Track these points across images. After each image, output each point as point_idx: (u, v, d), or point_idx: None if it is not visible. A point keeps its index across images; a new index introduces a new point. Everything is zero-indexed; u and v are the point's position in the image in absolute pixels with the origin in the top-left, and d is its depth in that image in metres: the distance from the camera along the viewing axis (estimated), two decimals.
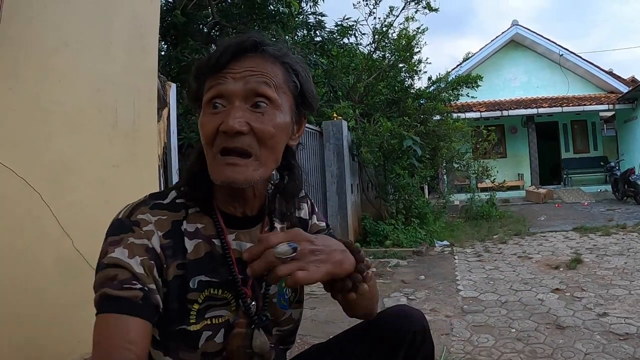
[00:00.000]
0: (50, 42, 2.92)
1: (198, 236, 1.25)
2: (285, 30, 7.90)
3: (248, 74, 1.17)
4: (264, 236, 1.11)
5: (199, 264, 1.22)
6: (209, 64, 1.19)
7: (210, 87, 1.19)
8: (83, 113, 3.16)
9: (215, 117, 1.17)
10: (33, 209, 2.80)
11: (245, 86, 1.16)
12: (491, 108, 19.19)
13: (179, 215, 1.25)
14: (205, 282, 1.23)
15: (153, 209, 1.22)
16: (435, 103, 11.27)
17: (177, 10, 7.19)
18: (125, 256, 1.11)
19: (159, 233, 1.18)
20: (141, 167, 3.62)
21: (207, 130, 1.17)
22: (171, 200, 1.27)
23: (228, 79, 1.17)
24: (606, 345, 3.42)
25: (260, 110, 1.17)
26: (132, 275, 1.09)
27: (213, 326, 1.23)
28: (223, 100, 1.17)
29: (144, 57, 3.69)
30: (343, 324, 4.03)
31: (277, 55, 1.23)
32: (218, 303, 1.25)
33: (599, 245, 7.65)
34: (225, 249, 1.27)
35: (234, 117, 1.13)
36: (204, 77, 1.22)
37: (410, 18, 11.19)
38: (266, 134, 1.18)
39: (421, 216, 9.70)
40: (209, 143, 1.18)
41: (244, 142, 1.15)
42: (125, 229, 1.17)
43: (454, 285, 5.66)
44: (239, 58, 1.19)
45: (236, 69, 1.18)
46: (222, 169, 1.16)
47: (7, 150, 2.66)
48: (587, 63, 19.74)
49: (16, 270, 2.68)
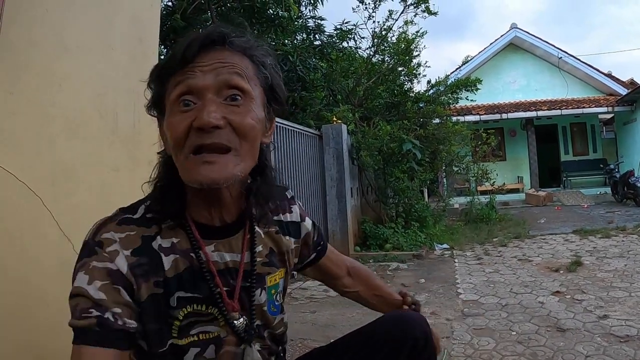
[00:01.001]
0: (50, 46, 2.93)
1: (175, 251, 1.18)
2: (285, 34, 7.93)
3: (218, 66, 1.11)
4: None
5: (179, 280, 1.17)
6: (175, 60, 1.11)
7: (177, 84, 1.11)
8: (84, 117, 3.16)
9: (185, 115, 1.09)
10: (33, 213, 2.80)
11: (217, 78, 1.10)
12: (490, 111, 19.19)
13: (150, 230, 1.18)
14: (187, 298, 1.18)
15: (120, 225, 1.15)
16: (434, 106, 11.27)
17: (176, 14, 7.22)
18: (85, 283, 1.07)
19: (124, 252, 1.12)
20: (142, 171, 3.61)
21: (177, 130, 1.09)
22: (141, 215, 1.20)
23: (197, 72, 1.09)
24: (607, 348, 3.42)
25: (235, 103, 1.11)
26: (91, 303, 1.05)
27: (201, 342, 1.20)
28: (193, 96, 1.09)
29: (144, 61, 3.69)
30: (344, 328, 4.04)
31: (245, 47, 1.17)
32: (204, 319, 1.20)
33: (599, 247, 7.65)
34: (202, 263, 1.20)
35: (209, 111, 1.06)
36: (168, 76, 1.14)
37: (409, 22, 11.19)
38: (245, 126, 1.11)
39: (421, 219, 9.71)
40: (179, 144, 1.10)
41: (221, 137, 1.08)
42: (88, 251, 1.12)
43: (454, 289, 5.66)
44: (206, 51, 1.12)
45: (205, 61, 1.10)
46: (199, 169, 1.08)
47: (8, 155, 2.66)
48: (586, 66, 19.74)
49: (16, 275, 2.68)
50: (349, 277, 1.70)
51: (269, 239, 1.38)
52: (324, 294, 5.49)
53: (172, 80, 1.12)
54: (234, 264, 1.26)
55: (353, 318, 4.45)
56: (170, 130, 1.11)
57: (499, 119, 19.05)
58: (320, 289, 5.75)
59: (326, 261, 1.62)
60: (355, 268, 1.73)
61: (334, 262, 1.65)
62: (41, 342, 2.79)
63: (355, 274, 1.71)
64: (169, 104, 1.13)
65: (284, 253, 1.42)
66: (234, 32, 1.17)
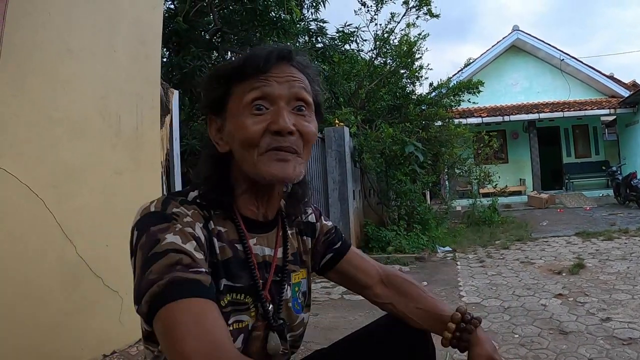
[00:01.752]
0: (54, 49, 2.94)
1: (222, 240, 1.24)
2: (287, 36, 7.93)
3: (290, 79, 1.22)
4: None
5: (225, 266, 1.22)
6: (251, 67, 1.21)
7: (252, 89, 1.20)
8: (87, 120, 3.18)
9: (259, 118, 1.18)
10: (37, 215, 2.81)
11: (290, 90, 1.21)
12: (493, 113, 19.20)
13: (206, 213, 1.24)
14: (229, 286, 1.22)
15: (183, 205, 1.20)
16: (436, 109, 11.30)
17: (179, 17, 7.23)
18: (179, 242, 1.08)
19: (198, 224, 1.17)
20: (144, 173, 3.64)
21: (252, 131, 1.18)
22: (193, 199, 1.25)
23: (272, 82, 1.20)
24: (610, 350, 3.41)
25: (301, 113, 1.24)
26: (193, 260, 1.06)
27: (234, 331, 1.22)
28: (266, 102, 1.20)
29: (147, 64, 3.71)
30: (346, 331, 4.02)
31: (304, 66, 1.29)
32: (240, 308, 1.24)
33: (601, 250, 7.64)
34: (248, 254, 1.27)
35: (285, 118, 1.18)
36: (236, 80, 1.23)
37: (411, 24, 11.23)
38: (311, 135, 1.24)
39: (423, 222, 9.70)
40: (253, 143, 1.18)
41: (292, 142, 1.19)
42: (166, 218, 1.14)
43: (456, 291, 5.65)
44: (278, 63, 1.23)
45: (278, 73, 1.21)
46: (274, 165, 1.18)
47: (12, 157, 2.67)
48: (588, 68, 19.77)
49: (20, 277, 2.69)
50: (383, 285, 1.60)
51: (293, 239, 1.46)
52: (326, 297, 5.49)
53: (242, 85, 1.22)
54: (269, 258, 1.34)
55: (355, 321, 4.44)
56: (243, 130, 1.19)
57: (501, 121, 19.06)
58: (322, 292, 5.75)
59: (348, 266, 1.58)
60: (391, 277, 1.62)
61: (359, 268, 1.59)
62: (42, 342, 2.80)
63: (391, 283, 1.60)
64: (240, 106, 1.21)
65: (304, 253, 1.49)
66: (296, 50, 1.29)
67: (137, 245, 1.10)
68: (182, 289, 0.99)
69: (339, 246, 1.58)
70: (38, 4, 2.84)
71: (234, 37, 8.29)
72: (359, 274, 1.59)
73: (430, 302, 1.54)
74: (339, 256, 1.57)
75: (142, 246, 1.08)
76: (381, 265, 1.66)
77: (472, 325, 1.47)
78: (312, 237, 1.53)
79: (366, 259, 1.64)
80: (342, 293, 5.56)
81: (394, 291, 1.58)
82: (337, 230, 1.61)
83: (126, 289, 3.30)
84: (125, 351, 3.30)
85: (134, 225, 1.15)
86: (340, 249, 1.58)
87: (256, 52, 1.23)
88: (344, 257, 1.58)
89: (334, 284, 1.68)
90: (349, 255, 1.59)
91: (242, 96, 1.21)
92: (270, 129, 1.18)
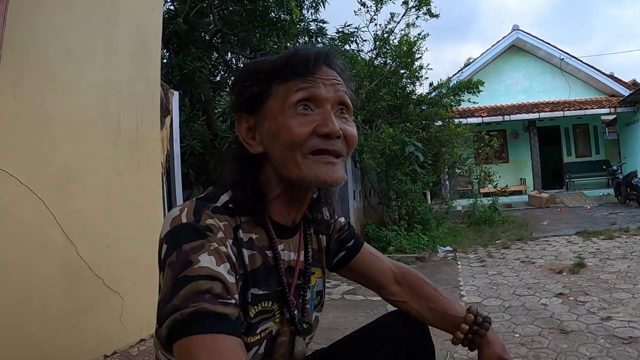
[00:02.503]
0: (53, 50, 2.95)
1: (253, 247, 1.21)
2: (287, 37, 7.92)
3: (335, 82, 1.21)
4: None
5: (254, 276, 1.19)
6: (299, 66, 1.18)
7: (299, 89, 1.17)
8: (87, 121, 3.18)
9: (305, 119, 1.16)
10: (37, 217, 2.82)
11: (335, 93, 1.20)
12: (493, 113, 19.18)
13: (234, 222, 1.19)
14: (258, 295, 1.20)
15: (215, 214, 1.14)
16: (437, 109, 11.29)
17: (179, 18, 7.22)
18: (214, 264, 1.02)
19: (229, 241, 1.13)
20: (144, 174, 3.65)
21: (299, 132, 1.14)
22: (223, 204, 1.20)
23: (319, 84, 1.18)
24: (610, 350, 3.42)
25: (344, 116, 1.23)
26: (224, 288, 1.00)
27: (261, 339, 1.21)
28: (313, 104, 1.18)
29: (146, 65, 3.72)
30: (347, 331, 4.02)
31: (342, 69, 1.27)
32: (267, 315, 1.23)
33: (602, 249, 7.65)
34: (278, 260, 1.25)
35: (334, 121, 1.16)
36: (278, 79, 1.19)
37: (411, 24, 11.21)
38: (354, 139, 1.23)
39: (424, 222, 9.69)
40: (298, 144, 1.15)
41: (338, 145, 1.18)
42: (200, 234, 1.07)
43: (457, 291, 5.66)
44: (323, 65, 1.21)
45: (325, 75, 1.20)
46: (322, 168, 1.16)
47: (12, 158, 2.68)
48: (588, 67, 19.75)
49: (20, 278, 2.70)
50: (397, 284, 1.60)
51: (312, 239, 1.44)
52: (326, 297, 5.48)
53: (287, 85, 1.18)
54: (293, 262, 1.33)
55: (356, 321, 4.45)
56: (288, 130, 1.15)
57: (502, 121, 19.04)
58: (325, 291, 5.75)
59: (361, 263, 1.57)
60: (405, 275, 1.61)
61: (373, 265, 1.59)
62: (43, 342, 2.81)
63: (405, 282, 1.60)
64: (284, 106, 1.17)
65: (321, 251, 1.48)
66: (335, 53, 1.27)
67: (165, 262, 1.04)
68: (206, 323, 0.94)
69: (352, 244, 1.57)
70: (37, 5, 2.84)
71: (234, 38, 8.28)
72: (373, 272, 1.59)
73: (444, 302, 1.55)
74: (353, 254, 1.56)
75: (171, 264, 1.02)
76: (395, 263, 1.65)
77: (483, 329, 1.51)
78: (327, 235, 1.52)
79: (379, 256, 1.63)
80: (342, 293, 5.56)
81: (408, 290, 1.58)
82: (350, 227, 1.60)
83: (127, 290, 3.31)
84: (126, 351, 3.30)
85: (164, 237, 1.09)
86: (354, 247, 1.57)
87: (301, 52, 1.20)
88: (357, 254, 1.57)
89: (335, 284, 1.68)
90: (362, 252, 1.58)
91: (286, 96, 1.18)
92: (319, 132, 1.15)
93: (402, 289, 1.58)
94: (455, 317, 1.52)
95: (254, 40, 8.11)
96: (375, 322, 1.57)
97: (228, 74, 9.12)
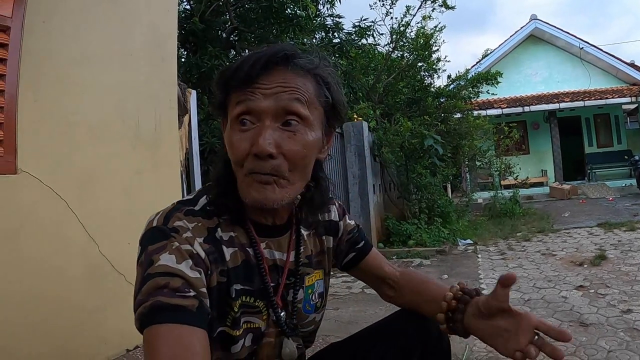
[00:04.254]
0: (70, 54, 3.00)
1: (233, 244, 1.22)
2: (303, 33, 7.96)
3: (279, 90, 1.11)
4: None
5: (236, 272, 1.21)
6: (237, 77, 1.12)
7: (238, 102, 1.13)
8: (106, 123, 3.24)
9: (244, 135, 1.12)
10: (59, 216, 2.88)
11: (277, 103, 1.11)
12: (512, 104, 19.06)
13: (212, 222, 1.20)
14: (241, 290, 1.21)
15: (187, 216, 1.16)
16: (455, 101, 11.25)
17: (195, 17, 7.28)
18: (173, 262, 1.05)
19: (198, 239, 1.13)
20: (164, 173, 3.69)
21: (237, 152, 1.13)
22: (202, 207, 1.21)
23: (257, 95, 1.11)
24: (630, 343, 3.40)
25: (291, 128, 1.13)
26: (184, 282, 1.03)
27: (244, 330, 1.23)
28: (252, 117, 1.12)
29: (163, 66, 3.76)
30: (366, 324, 4.03)
31: (309, 68, 1.17)
32: (251, 310, 1.24)
33: (623, 240, 7.57)
34: (259, 258, 1.25)
35: (264, 138, 1.09)
36: (230, 89, 1.16)
37: (427, 17, 11.20)
38: (297, 155, 1.14)
39: (444, 215, 9.68)
40: (239, 164, 1.14)
41: (273, 166, 1.11)
42: (165, 235, 1.10)
43: (477, 284, 5.64)
44: (269, 71, 1.12)
45: (266, 83, 1.11)
46: (252, 190, 1.13)
47: (34, 160, 2.74)
48: (608, 55, 19.49)
49: (43, 276, 2.75)
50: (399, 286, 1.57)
51: (310, 240, 1.43)
52: (347, 291, 5.52)
53: (234, 96, 1.15)
54: (280, 262, 1.32)
55: (375, 315, 4.47)
56: (232, 148, 1.15)
57: (522, 112, 18.91)
58: (343, 286, 5.79)
59: (370, 265, 1.58)
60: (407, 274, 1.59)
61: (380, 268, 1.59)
62: (65, 339, 2.87)
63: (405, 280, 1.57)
64: (230, 118, 1.16)
65: (323, 253, 1.47)
66: (298, 52, 1.18)
67: (138, 262, 1.11)
68: (162, 314, 0.99)
69: (361, 245, 1.57)
70: (54, 11, 2.90)
71: (250, 35, 8.33)
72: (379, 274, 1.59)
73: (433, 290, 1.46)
74: (362, 256, 1.57)
75: (141, 264, 1.09)
76: (397, 268, 1.64)
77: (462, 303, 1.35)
78: (335, 236, 1.51)
79: (385, 261, 1.63)
80: (362, 287, 5.59)
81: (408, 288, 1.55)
82: (360, 230, 1.60)
83: None
84: None
85: (139, 240, 1.15)
86: (363, 249, 1.57)
87: (250, 56, 1.14)
88: (366, 256, 1.57)
89: (354, 278, 1.68)
90: (370, 255, 1.58)
91: (232, 108, 1.16)
92: (252, 151, 1.10)
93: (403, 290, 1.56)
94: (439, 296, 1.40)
95: (270, 37, 8.15)
96: (391, 316, 1.56)
97: None
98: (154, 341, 0.97)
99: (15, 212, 2.64)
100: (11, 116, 2.61)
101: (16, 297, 2.60)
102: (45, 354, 2.72)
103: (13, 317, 2.57)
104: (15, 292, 2.59)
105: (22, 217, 2.67)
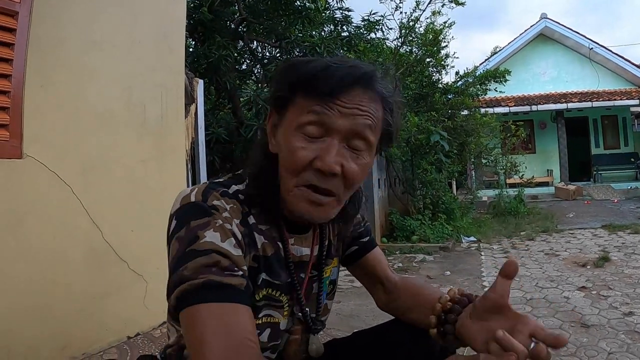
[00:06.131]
0: (78, 42, 3.01)
1: (265, 236, 1.21)
2: (312, 25, 7.94)
3: (356, 113, 1.09)
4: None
5: (265, 262, 1.19)
6: (316, 87, 1.08)
7: (311, 111, 1.09)
8: (112, 110, 3.24)
9: (310, 145, 1.09)
10: (64, 202, 2.89)
11: (351, 126, 1.09)
12: (520, 103, 18.97)
13: (244, 208, 1.18)
14: (267, 281, 1.20)
15: (223, 197, 1.14)
16: (462, 98, 11.22)
17: (204, 7, 7.28)
18: (218, 240, 1.04)
19: (235, 221, 1.12)
20: (169, 161, 3.69)
21: (298, 160, 1.10)
22: (234, 192, 1.19)
23: (334, 111, 1.08)
24: (630, 345, 3.40)
25: (356, 152, 1.12)
26: (231, 262, 1.03)
27: (262, 325, 1.20)
28: (322, 130, 1.09)
29: (170, 56, 3.76)
30: (367, 318, 4.07)
31: (384, 95, 1.15)
32: (274, 304, 1.23)
33: (627, 243, 7.56)
34: (288, 253, 1.25)
35: (333, 157, 1.08)
36: (301, 92, 1.12)
37: (437, 12, 11.14)
38: (356, 177, 1.14)
39: (448, 212, 9.69)
40: (294, 172, 1.12)
41: (333, 184, 1.11)
42: (206, 212, 1.08)
43: (479, 282, 5.66)
44: (350, 89, 1.09)
45: (345, 102, 1.09)
46: (305, 204, 1.12)
47: (41, 146, 2.74)
48: (617, 57, 19.36)
49: (47, 261, 2.77)
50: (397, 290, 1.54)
51: (330, 230, 1.42)
52: (349, 284, 5.52)
53: (305, 101, 1.11)
54: (305, 257, 1.31)
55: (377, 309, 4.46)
56: (290, 152, 1.12)
57: (529, 111, 18.82)
58: (345, 279, 5.77)
59: (371, 263, 1.55)
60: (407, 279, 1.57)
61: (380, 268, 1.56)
62: (68, 324, 2.88)
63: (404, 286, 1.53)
64: (296, 122, 1.12)
65: (340, 239, 1.46)
66: (377, 74, 1.16)
67: (174, 236, 1.07)
68: (214, 293, 0.98)
69: (366, 240, 1.54)
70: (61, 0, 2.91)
71: (259, 26, 8.32)
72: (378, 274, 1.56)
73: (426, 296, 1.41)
74: (364, 251, 1.53)
75: (180, 239, 1.06)
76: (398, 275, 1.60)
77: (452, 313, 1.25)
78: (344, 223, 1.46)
79: (387, 264, 1.60)
80: None
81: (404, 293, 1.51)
82: (367, 225, 1.57)
83: (150, 273, 3.37)
84: (149, 333, 3.37)
85: (174, 214, 1.12)
86: (367, 244, 1.54)
87: (330, 69, 1.09)
88: (368, 253, 1.54)
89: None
90: (373, 253, 1.55)
91: (300, 112, 1.11)
92: (314, 165, 1.09)
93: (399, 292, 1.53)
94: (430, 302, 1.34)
95: (279, 29, 8.14)
96: (393, 322, 1.54)
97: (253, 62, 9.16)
98: (204, 319, 0.96)
99: (20, 196, 2.65)
100: (17, 101, 2.61)
101: (19, 281, 2.61)
102: (47, 338, 2.73)
103: (15, 301, 2.58)
104: (18, 276, 2.61)
105: (26, 202, 2.68)
